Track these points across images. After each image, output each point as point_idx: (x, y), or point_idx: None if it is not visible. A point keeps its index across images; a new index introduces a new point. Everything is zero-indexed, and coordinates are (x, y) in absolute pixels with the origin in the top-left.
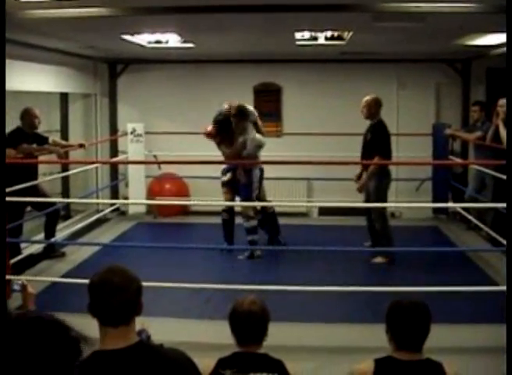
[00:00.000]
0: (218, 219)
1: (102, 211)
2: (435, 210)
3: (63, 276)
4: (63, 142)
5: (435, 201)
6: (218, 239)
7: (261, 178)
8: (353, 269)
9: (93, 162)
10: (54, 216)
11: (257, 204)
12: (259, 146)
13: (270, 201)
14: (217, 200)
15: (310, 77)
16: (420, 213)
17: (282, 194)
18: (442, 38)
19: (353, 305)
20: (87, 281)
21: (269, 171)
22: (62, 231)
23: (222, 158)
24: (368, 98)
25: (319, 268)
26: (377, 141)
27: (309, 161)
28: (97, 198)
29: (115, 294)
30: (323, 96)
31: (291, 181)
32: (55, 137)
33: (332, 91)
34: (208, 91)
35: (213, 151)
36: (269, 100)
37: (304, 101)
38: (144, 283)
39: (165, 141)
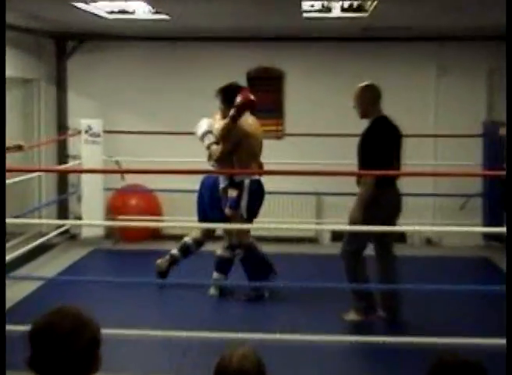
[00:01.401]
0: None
1: (46, 234)
2: (486, 236)
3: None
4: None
5: (486, 224)
6: (199, 271)
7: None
8: None
9: (34, 171)
10: None
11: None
12: None
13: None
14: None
15: (321, 61)
16: (466, 240)
17: (282, 214)
18: (499, 7)
19: (379, 363)
20: (26, 328)
21: (267, 183)
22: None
23: (205, 166)
24: (358, 86)
25: (331, 310)
26: (364, 150)
27: (319, 171)
28: (40, 217)
29: (64, 343)
30: (338, 86)
31: (295, 197)
32: None
33: (351, 78)
34: (188, 78)
35: (195, 157)
36: (267, 90)
37: (314, 92)
38: (103, 331)
39: (130, 143)
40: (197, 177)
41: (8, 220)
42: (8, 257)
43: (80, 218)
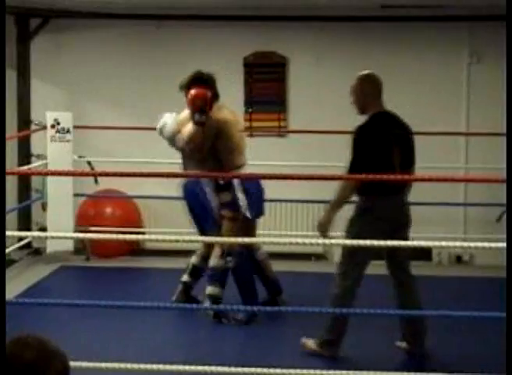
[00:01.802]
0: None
1: (5, 248)
2: None
3: None
4: None
5: None
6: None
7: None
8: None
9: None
10: None
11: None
12: None
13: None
14: (185, 232)
15: (331, 45)
16: (502, 258)
17: (285, 225)
18: None
19: None
20: None
21: (265, 190)
22: None
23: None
24: (356, 77)
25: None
26: (354, 149)
27: (329, 175)
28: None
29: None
30: (352, 74)
31: (299, 205)
32: None
33: (366, 66)
34: (173, 64)
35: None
36: (268, 79)
37: (322, 82)
38: (72, 363)
39: (105, 141)
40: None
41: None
42: None
43: (44, 229)
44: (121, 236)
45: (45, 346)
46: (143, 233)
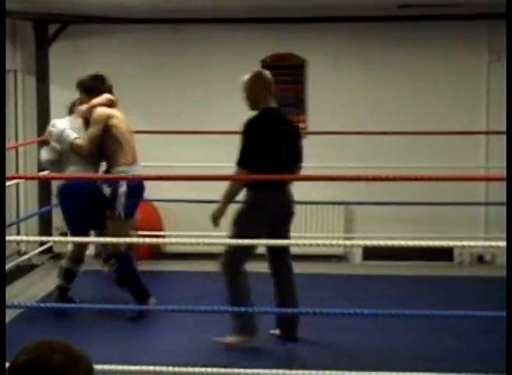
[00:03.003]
0: (209, 266)
1: (26, 253)
2: None
3: None
4: None
5: None
6: (211, 296)
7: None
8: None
9: (11, 178)
10: None
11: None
12: None
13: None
14: (206, 235)
15: (349, 46)
16: None
17: (305, 227)
18: None
19: None
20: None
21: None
22: None
23: (214, 171)
24: (248, 75)
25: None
26: (241, 144)
27: (348, 176)
28: (18, 233)
29: None
30: (371, 75)
31: (319, 207)
32: None
33: (386, 66)
34: (191, 67)
35: (201, 161)
36: (286, 81)
37: (341, 83)
38: (97, 367)
39: None
40: (204, 185)
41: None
42: None
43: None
44: (140, 239)
45: (70, 349)
46: (162, 236)
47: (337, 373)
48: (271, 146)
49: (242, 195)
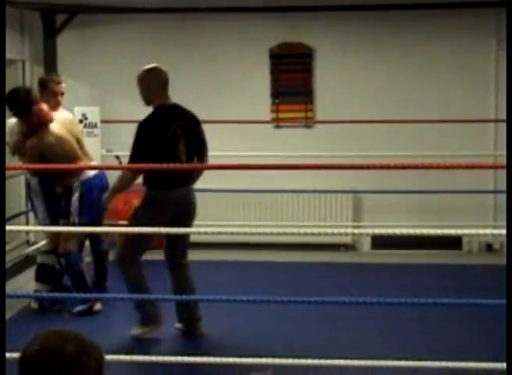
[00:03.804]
0: (223, 255)
1: (35, 244)
2: None
3: None
4: None
5: None
6: (220, 285)
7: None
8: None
9: (18, 168)
10: None
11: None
12: None
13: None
14: (218, 224)
15: (357, 34)
16: None
17: (313, 216)
18: None
19: None
20: (12, 355)
21: (293, 180)
22: None
23: (225, 160)
24: (141, 69)
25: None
26: (133, 143)
27: (356, 164)
28: (27, 223)
29: (70, 370)
30: (379, 64)
31: (328, 195)
32: None
33: (394, 54)
34: (199, 57)
35: (212, 150)
36: (294, 70)
37: (349, 72)
38: (108, 357)
39: (132, 135)
40: (217, 174)
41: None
42: None
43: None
44: (154, 229)
45: (81, 339)
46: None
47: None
48: (165, 146)
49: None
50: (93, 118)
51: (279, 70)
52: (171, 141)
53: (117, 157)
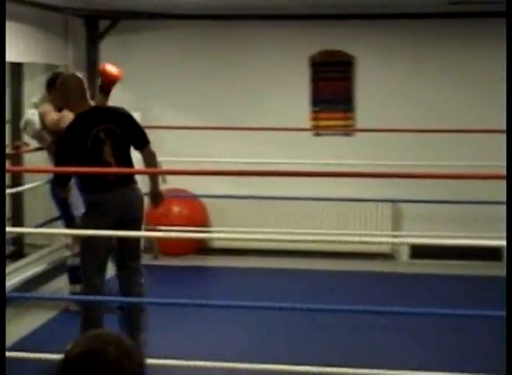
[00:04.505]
0: (256, 261)
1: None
2: None
3: (11, 350)
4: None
5: None
6: (257, 291)
7: None
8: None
9: (58, 172)
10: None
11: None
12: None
13: None
14: (254, 231)
15: (398, 43)
16: None
17: (352, 224)
18: None
19: None
20: (53, 356)
21: (331, 188)
22: (9, 278)
23: (267, 167)
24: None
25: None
26: (56, 153)
27: (396, 173)
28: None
29: (110, 374)
30: (420, 72)
31: (367, 204)
32: None
33: (435, 63)
34: (240, 64)
35: (249, 157)
36: (334, 78)
37: (390, 80)
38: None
39: (172, 141)
40: (251, 181)
41: (29, 230)
42: (30, 273)
43: None
44: (187, 234)
45: (123, 341)
46: (209, 232)
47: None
48: (86, 153)
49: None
50: None
51: (319, 78)
52: (92, 147)
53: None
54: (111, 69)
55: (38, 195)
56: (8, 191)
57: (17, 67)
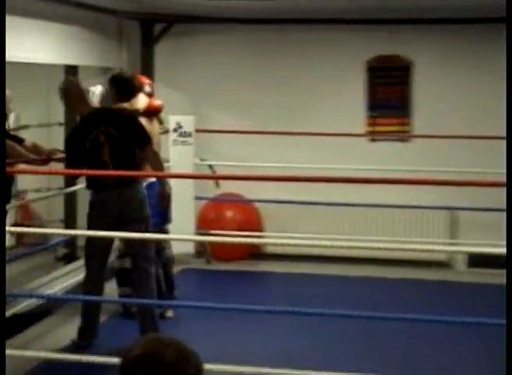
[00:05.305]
0: (309, 267)
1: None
2: None
3: (63, 350)
4: (47, 149)
5: None
6: (311, 298)
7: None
8: None
9: (106, 175)
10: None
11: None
12: None
13: None
14: (308, 237)
15: (458, 47)
16: None
17: (409, 232)
18: None
19: None
20: (107, 360)
21: (386, 194)
22: (62, 281)
23: (317, 172)
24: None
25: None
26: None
27: (454, 181)
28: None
29: None
30: (479, 78)
31: (423, 211)
32: (33, 140)
33: (495, 67)
34: (295, 68)
35: (305, 162)
36: (391, 83)
37: (448, 86)
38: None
39: (226, 145)
40: (305, 186)
41: (82, 231)
42: (82, 276)
43: (166, 232)
44: (241, 239)
45: (181, 345)
46: (263, 236)
47: None
48: (86, 154)
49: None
50: (187, 127)
51: (376, 83)
52: (91, 149)
53: (210, 166)
54: (156, 103)
55: None
56: (61, 191)
57: (72, 70)
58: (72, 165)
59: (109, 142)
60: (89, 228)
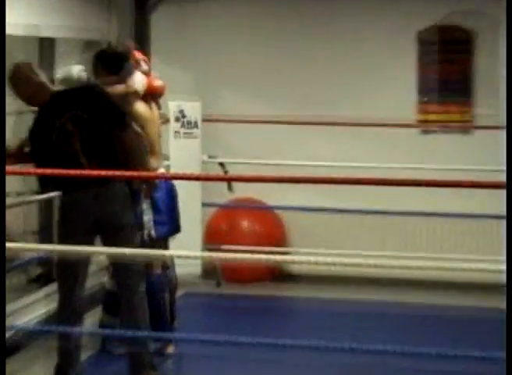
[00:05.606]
0: (345, 292)
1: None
2: None
3: None
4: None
5: None
6: (345, 329)
7: None
8: None
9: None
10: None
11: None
12: None
13: None
14: (344, 254)
15: None
16: None
17: (462, 246)
18: None
19: None
20: None
21: (442, 200)
22: (36, 307)
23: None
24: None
25: None
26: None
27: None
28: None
29: None
30: None
31: (480, 221)
32: None
33: None
34: (326, 42)
35: (337, 159)
36: (448, 60)
37: None
38: None
39: (241, 137)
40: (340, 190)
41: (61, 247)
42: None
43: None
44: (259, 256)
45: None
46: (287, 253)
47: None
48: (54, 149)
49: None
50: (192, 115)
51: (429, 60)
52: (59, 141)
53: (221, 164)
54: (157, 82)
55: None
56: (33, 198)
57: (49, 43)
58: (41, 165)
59: (79, 129)
60: (60, 239)
